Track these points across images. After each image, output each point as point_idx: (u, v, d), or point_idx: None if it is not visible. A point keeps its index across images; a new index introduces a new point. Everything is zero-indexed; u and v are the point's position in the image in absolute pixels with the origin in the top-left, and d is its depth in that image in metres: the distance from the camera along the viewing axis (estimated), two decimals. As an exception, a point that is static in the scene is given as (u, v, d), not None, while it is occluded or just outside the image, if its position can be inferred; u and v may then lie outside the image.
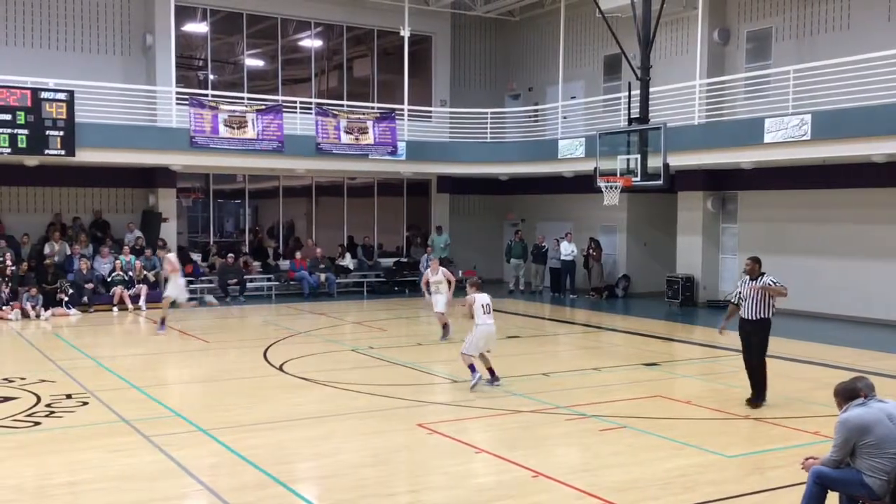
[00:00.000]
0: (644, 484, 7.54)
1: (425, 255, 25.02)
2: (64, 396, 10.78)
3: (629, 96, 18.29)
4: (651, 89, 18.38)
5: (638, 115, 18.04)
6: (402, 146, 23.57)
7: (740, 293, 10.50)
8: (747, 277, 10.43)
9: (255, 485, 7.46)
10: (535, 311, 21.39)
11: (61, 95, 19.14)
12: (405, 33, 23.87)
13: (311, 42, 25.78)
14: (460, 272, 25.94)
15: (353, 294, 24.00)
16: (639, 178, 17.53)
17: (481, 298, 11.48)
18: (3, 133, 18.49)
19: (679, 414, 10.06)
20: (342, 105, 23.81)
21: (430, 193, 27.04)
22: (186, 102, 21.06)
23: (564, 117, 23.88)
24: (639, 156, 17.54)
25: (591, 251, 23.95)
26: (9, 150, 18.64)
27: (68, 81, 19.65)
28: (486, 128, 24.83)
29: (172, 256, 17.71)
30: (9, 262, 19.38)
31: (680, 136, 18.50)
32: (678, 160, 18.28)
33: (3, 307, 18.54)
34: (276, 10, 24.48)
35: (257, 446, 8.59)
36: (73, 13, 21.90)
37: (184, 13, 23.01)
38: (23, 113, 18.68)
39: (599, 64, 24.92)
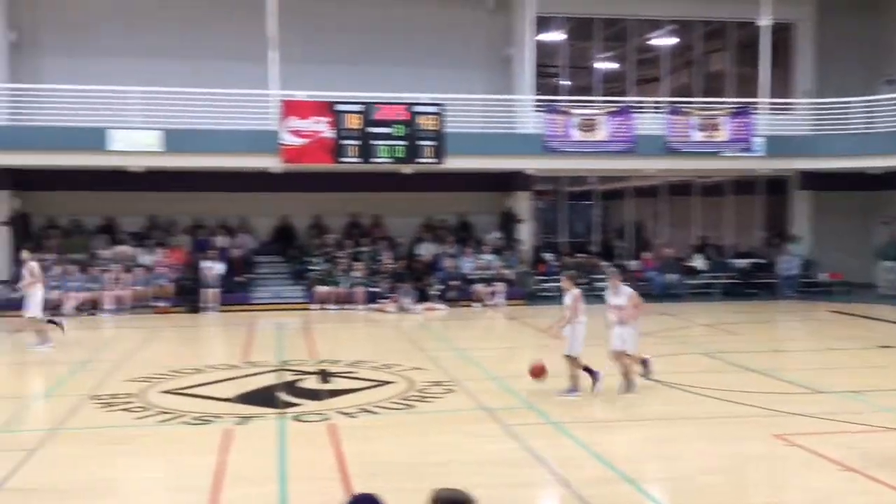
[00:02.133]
0: None
1: (784, 256, 23.66)
2: (433, 383, 11.91)
3: None
4: None
5: None
6: (758, 142, 22.52)
7: None
8: None
9: (604, 480, 7.72)
10: (912, 319, 19.23)
11: (432, 109, 21.08)
12: (764, 23, 22.75)
13: (662, 40, 25.59)
14: (823, 275, 24.13)
15: (703, 296, 23.37)
16: None
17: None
18: (384, 145, 20.80)
19: None
20: (694, 102, 23.35)
21: (788, 191, 25.46)
22: (543, 109, 22.04)
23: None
24: None
25: None
26: (388, 160, 20.93)
27: (438, 95, 21.50)
28: (854, 118, 22.79)
29: (34, 265, 15.54)
30: (387, 261, 21.82)
31: None
32: None
33: (382, 301, 20.87)
34: (629, 11, 24.65)
35: (606, 443, 8.86)
36: (441, 32, 23.79)
37: (541, 23, 23.95)
38: (401, 126, 20.86)
39: None
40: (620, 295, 11.26)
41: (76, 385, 11.95)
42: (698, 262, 24.19)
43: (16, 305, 19.62)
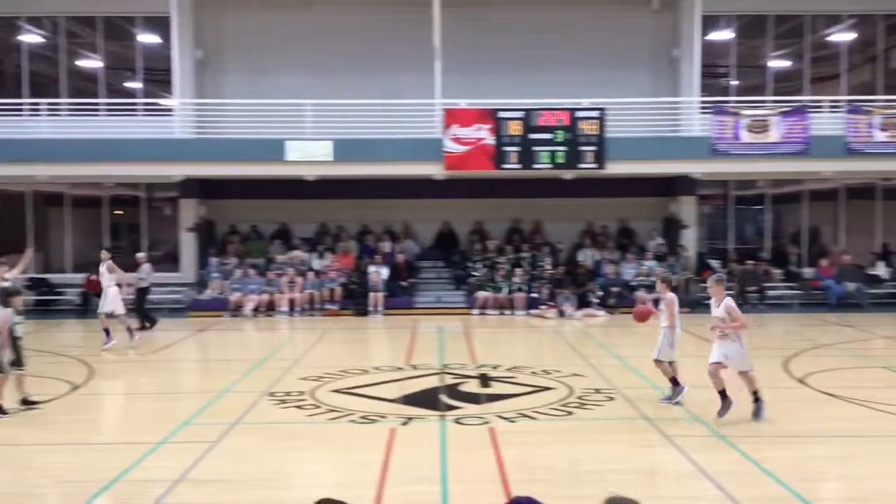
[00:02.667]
0: None
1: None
2: (593, 391, 11.81)
3: None
4: None
5: None
6: (949, 141, 20.87)
7: None
8: None
9: (776, 498, 7.39)
10: None
11: (594, 113, 20.86)
12: (955, 13, 21.08)
13: (841, 36, 24.18)
14: None
15: (886, 306, 21.86)
16: None
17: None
18: (544, 151, 20.80)
19: None
20: (876, 100, 21.91)
21: None
22: (711, 111, 21.35)
23: None
24: None
25: None
26: (549, 166, 20.90)
27: (600, 100, 21.24)
28: None
29: (108, 264, 16.05)
30: (547, 267, 21.79)
31: None
32: None
33: (542, 306, 20.85)
34: (804, 7, 23.47)
35: (777, 459, 8.48)
36: (603, 34, 23.40)
37: (709, 23, 23.18)
38: (561, 132, 20.78)
39: None
40: (721, 306, 10.01)
41: (254, 382, 12.69)
42: (881, 270, 22.74)
43: (204, 306, 21.17)
